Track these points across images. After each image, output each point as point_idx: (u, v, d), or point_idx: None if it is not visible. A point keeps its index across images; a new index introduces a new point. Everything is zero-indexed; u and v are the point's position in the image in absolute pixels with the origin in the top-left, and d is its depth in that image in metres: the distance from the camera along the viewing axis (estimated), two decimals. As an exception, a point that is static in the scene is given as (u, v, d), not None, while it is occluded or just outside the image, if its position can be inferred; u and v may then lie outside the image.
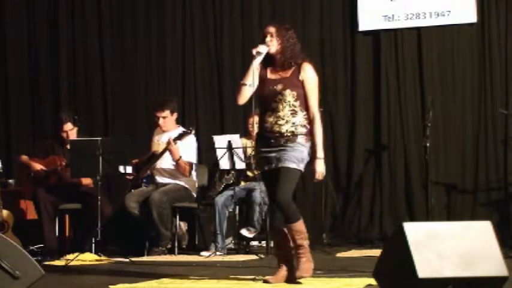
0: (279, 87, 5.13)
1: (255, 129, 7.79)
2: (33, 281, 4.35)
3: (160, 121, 7.87)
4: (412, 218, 8.34)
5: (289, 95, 5.12)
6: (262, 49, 5.14)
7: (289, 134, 5.11)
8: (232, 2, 9.31)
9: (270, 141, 5.15)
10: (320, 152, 5.12)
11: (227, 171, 7.89)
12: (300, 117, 5.13)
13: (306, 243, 5.15)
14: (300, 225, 5.13)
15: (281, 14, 9.05)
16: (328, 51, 9.04)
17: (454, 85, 8.62)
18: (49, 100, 9.75)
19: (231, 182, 7.86)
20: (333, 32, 9.04)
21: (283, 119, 5.12)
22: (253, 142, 7.79)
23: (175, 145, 7.63)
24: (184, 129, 7.78)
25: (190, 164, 7.88)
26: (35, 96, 9.80)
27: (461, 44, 8.63)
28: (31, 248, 7.74)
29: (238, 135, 7.64)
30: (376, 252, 5.56)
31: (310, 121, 5.14)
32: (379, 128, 8.79)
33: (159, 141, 7.92)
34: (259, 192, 7.60)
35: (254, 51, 5.14)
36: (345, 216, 8.78)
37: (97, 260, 7.00)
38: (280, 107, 5.12)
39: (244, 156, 7.58)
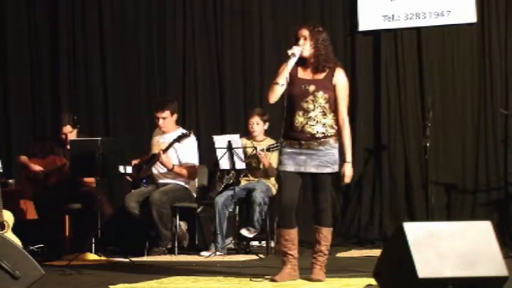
0: (312, 88, 5.21)
1: (255, 130, 7.89)
2: (33, 281, 4.36)
3: (160, 122, 7.87)
4: (412, 218, 8.34)
5: (321, 97, 5.20)
6: (297, 51, 5.22)
7: (320, 136, 5.19)
8: (232, 3, 9.31)
9: (300, 142, 5.21)
10: (349, 156, 5.26)
11: (227, 171, 7.89)
12: (330, 119, 5.23)
13: (327, 252, 5.33)
14: (328, 232, 5.31)
15: (282, 15, 9.05)
16: (328, 51, 9.03)
17: (454, 85, 8.62)
18: (49, 100, 9.75)
19: (231, 182, 7.86)
20: (333, 32, 9.00)
21: (314, 120, 5.20)
22: (253, 142, 7.88)
23: (164, 155, 7.66)
24: (184, 131, 7.77)
25: (193, 166, 7.87)
26: (35, 96, 9.80)
27: (461, 44, 8.63)
28: (31, 248, 7.75)
29: (238, 135, 7.64)
30: (376, 252, 5.56)
31: (339, 125, 5.24)
32: (379, 128, 8.79)
33: (159, 142, 7.92)
34: (259, 192, 7.60)
35: (289, 52, 5.21)
36: (345, 216, 8.78)
37: (97, 260, 7.00)
38: (312, 107, 5.20)
39: (244, 156, 7.58)
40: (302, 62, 5.27)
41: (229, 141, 7.49)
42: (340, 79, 5.27)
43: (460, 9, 8.48)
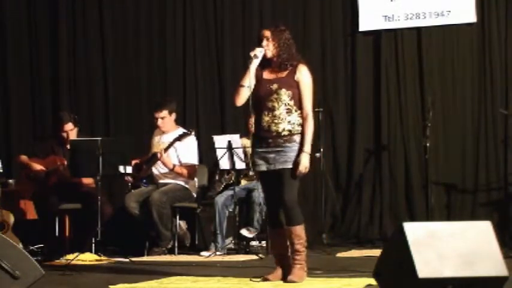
0: (275, 86, 5.25)
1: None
2: (33, 281, 4.35)
3: (159, 122, 7.87)
4: (412, 218, 8.34)
5: (285, 94, 5.23)
6: (259, 52, 5.28)
7: (286, 133, 5.22)
8: (233, 3, 9.31)
9: (268, 140, 5.24)
10: (307, 147, 5.22)
11: (227, 171, 7.89)
12: (295, 116, 5.24)
13: (303, 250, 5.24)
14: (300, 230, 5.23)
15: (282, 15, 9.04)
16: (329, 51, 9.04)
17: (454, 85, 8.62)
18: (49, 100, 9.75)
19: (231, 182, 7.86)
20: (333, 32, 9.04)
21: (279, 118, 5.22)
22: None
23: (165, 154, 7.66)
24: (185, 131, 7.77)
25: (193, 166, 7.87)
26: (35, 96, 9.80)
27: (461, 44, 8.63)
28: (31, 248, 7.75)
29: (238, 135, 7.64)
30: (376, 252, 5.56)
31: (303, 119, 5.25)
32: (379, 128, 8.79)
33: (159, 142, 7.93)
34: (259, 192, 7.59)
35: (252, 54, 5.29)
36: (345, 216, 8.78)
37: (97, 260, 7.00)
38: (276, 105, 5.23)
39: (244, 156, 7.58)
40: (267, 63, 5.32)
41: (229, 141, 7.49)
42: (303, 76, 5.29)
43: (460, 9, 8.48)
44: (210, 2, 9.36)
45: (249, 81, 5.25)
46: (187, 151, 7.80)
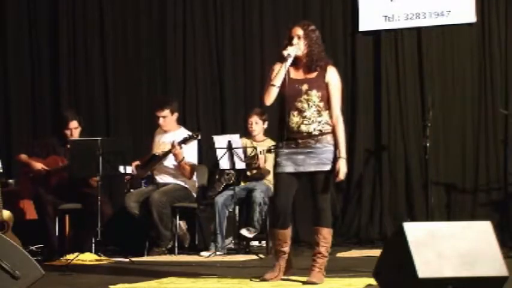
0: (305, 87, 5.20)
1: (254, 129, 7.89)
2: (33, 281, 4.35)
3: (161, 120, 7.88)
4: (412, 218, 8.34)
5: (315, 96, 5.19)
6: (292, 51, 5.18)
7: (317, 133, 5.17)
8: (233, 2, 9.32)
9: (297, 141, 5.18)
10: (343, 152, 5.22)
11: (227, 171, 7.89)
12: (325, 116, 5.21)
13: (326, 255, 5.23)
14: (328, 233, 5.23)
15: (282, 15, 9.05)
16: (329, 51, 9.00)
17: (454, 85, 8.63)
18: (49, 100, 9.75)
19: (231, 182, 7.86)
20: (333, 32, 9.04)
21: (309, 119, 5.18)
22: (253, 142, 7.87)
23: (180, 149, 7.63)
24: (189, 132, 7.76)
25: (192, 166, 7.88)
26: (35, 96, 9.81)
27: (461, 44, 8.63)
28: (31, 248, 7.74)
29: (238, 135, 7.64)
30: (376, 252, 5.55)
31: (333, 122, 5.22)
32: (379, 128, 8.80)
33: (160, 141, 7.92)
34: (259, 192, 7.60)
35: (285, 53, 5.17)
36: (345, 216, 8.78)
37: (97, 260, 7.00)
38: (306, 106, 5.18)
39: (244, 156, 7.58)
40: (293, 61, 5.23)
41: (229, 141, 7.49)
42: (333, 77, 5.26)
43: (460, 9, 8.49)
44: (210, 1, 9.36)
45: (280, 81, 5.15)
46: (189, 151, 7.80)
